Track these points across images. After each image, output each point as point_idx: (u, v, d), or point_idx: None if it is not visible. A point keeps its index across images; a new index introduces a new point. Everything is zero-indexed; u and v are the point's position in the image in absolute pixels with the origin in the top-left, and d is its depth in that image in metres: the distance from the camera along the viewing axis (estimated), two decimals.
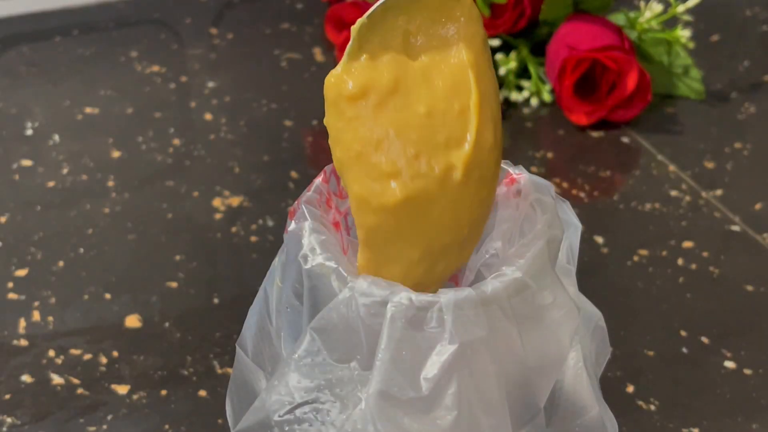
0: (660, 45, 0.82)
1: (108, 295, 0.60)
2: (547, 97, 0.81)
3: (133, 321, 0.58)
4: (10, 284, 0.61)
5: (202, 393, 0.53)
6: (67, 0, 0.96)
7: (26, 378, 0.54)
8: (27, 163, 0.73)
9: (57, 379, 0.54)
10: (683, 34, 0.80)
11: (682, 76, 0.83)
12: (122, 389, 0.54)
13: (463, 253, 0.40)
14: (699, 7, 0.81)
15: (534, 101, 0.81)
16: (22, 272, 0.62)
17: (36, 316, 0.58)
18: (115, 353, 0.56)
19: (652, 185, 0.72)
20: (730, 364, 0.56)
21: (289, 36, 0.92)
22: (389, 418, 0.35)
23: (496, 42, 0.82)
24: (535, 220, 0.39)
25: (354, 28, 0.36)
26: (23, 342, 0.57)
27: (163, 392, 0.53)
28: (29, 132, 0.77)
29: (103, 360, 0.55)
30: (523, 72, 0.83)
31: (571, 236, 0.42)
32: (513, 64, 0.81)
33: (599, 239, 0.65)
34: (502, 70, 0.81)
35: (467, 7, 0.37)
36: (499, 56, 0.81)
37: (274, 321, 0.41)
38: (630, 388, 0.54)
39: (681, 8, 0.79)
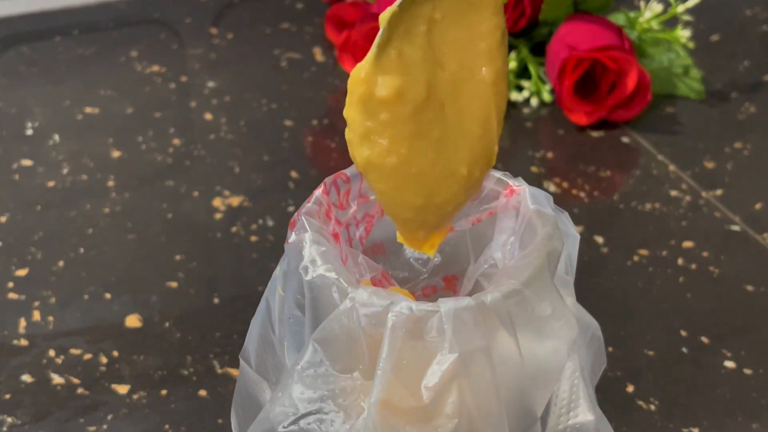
0: (660, 45, 0.82)
1: (108, 295, 0.60)
2: (547, 97, 0.81)
3: (133, 321, 0.58)
4: (10, 284, 0.61)
5: (202, 393, 0.53)
6: (67, 0, 0.96)
7: (26, 378, 0.54)
8: (27, 163, 0.73)
9: (57, 379, 0.54)
10: (683, 34, 0.80)
11: (682, 76, 0.83)
12: (122, 389, 0.53)
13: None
14: (699, 7, 0.81)
15: (534, 101, 0.81)
16: (22, 272, 0.62)
17: (36, 316, 0.58)
18: (115, 353, 0.56)
19: (652, 185, 0.72)
20: (730, 364, 0.56)
21: (289, 36, 0.92)
22: (391, 427, 0.35)
23: None
24: (535, 232, 0.39)
25: (383, 17, 0.35)
26: (23, 342, 0.57)
27: (163, 392, 0.53)
28: (29, 132, 0.77)
29: (103, 360, 0.55)
30: (523, 72, 0.83)
31: (569, 247, 0.42)
32: (513, 64, 0.81)
33: (599, 239, 0.65)
34: None
35: None
36: None
37: (276, 330, 0.41)
38: (630, 388, 0.54)
39: (681, 8, 0.79)
